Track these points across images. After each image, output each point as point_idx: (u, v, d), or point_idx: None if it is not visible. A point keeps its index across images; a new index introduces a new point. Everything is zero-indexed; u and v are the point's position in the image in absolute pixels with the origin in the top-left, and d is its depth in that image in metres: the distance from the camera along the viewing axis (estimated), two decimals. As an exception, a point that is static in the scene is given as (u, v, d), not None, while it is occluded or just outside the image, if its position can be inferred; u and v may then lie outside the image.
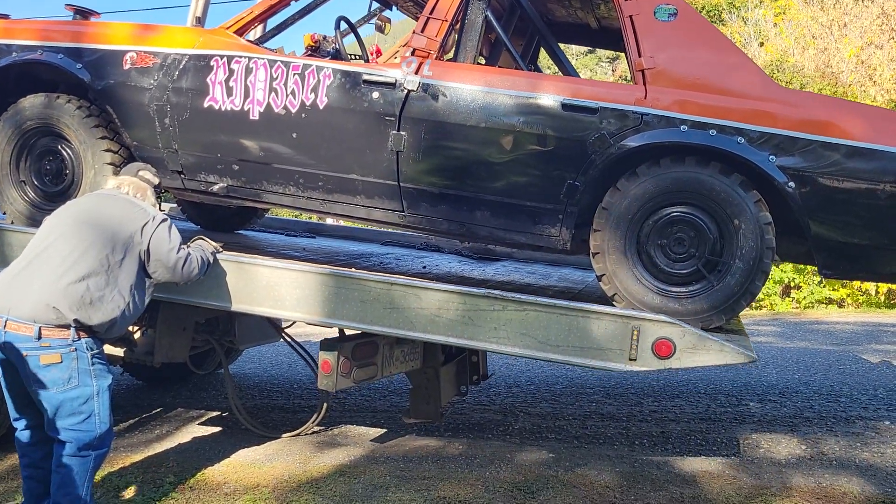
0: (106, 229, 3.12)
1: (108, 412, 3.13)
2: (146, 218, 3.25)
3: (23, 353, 2.95)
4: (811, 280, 13.01)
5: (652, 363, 3.14)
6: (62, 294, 2.96)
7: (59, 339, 2.97)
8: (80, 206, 3.29)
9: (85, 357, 3.03)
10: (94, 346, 3.08)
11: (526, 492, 3.72)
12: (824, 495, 3.70)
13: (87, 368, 3.03)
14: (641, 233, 3.35)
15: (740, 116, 3.26)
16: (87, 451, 3.07)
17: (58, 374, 2.98)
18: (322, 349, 3.66)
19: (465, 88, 3.49)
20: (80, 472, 3.06)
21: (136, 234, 3.18)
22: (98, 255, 3.05)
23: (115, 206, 3.27)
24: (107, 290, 3.05)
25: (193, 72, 3.74)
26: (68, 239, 3.08)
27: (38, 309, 2.94)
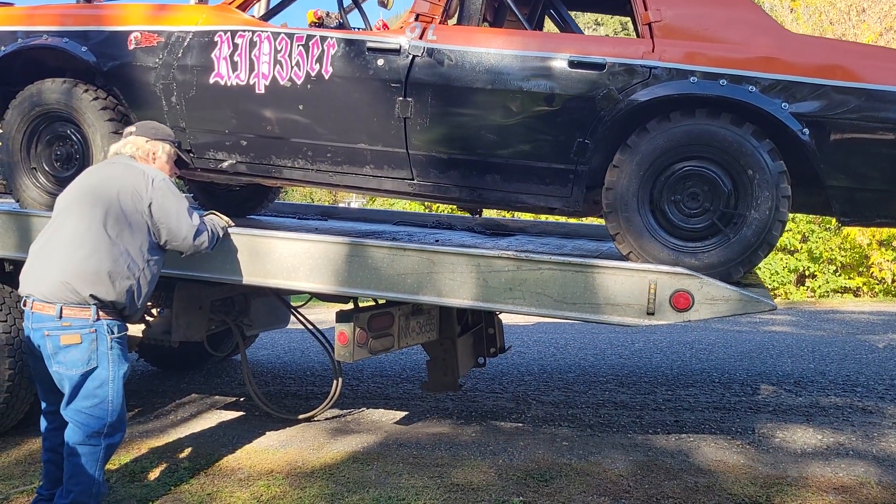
0: (105, 201, 3.03)
1: (120, 400, 3.07)
2: (145, 183, 3.10)
3: (45, 333, 2.96)
4: (826, 269, 12.92)
5: (670, 316, 3.11)
6: (74, 271, 2.95)
7: (79, 318, 2.95)
8: (84, 179, 3.20)
9: (105, 340, 3.00)
10: (115, 330, 3.04)
11: (539, 479, 3.70)
12: (841, 485, 3.65)
13: (105, 352, 3.00)
14: (654, 189, 3.32)
15: (751, 65, 3.22)
16: (96, 439, 3.03)
17: (77, 354, 2.96)
18: (338, 321, 3.65)
19: (470, 51, 3.46)
20: (90, 462, 3.02)
21: (137, 201, 3.07)
22: (100, 228, 2.99)
23: (114, 173, 3.15)
24: (116, 263, 2.99)
25: (198, 48, 3.74)
26: (73, 215, 3.05)
27: (56, 288, 2.94)
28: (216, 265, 3.57)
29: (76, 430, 3.01)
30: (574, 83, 3.36)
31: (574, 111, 3.37)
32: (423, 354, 4.64)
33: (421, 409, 4.99)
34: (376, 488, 3.56)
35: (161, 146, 3.30)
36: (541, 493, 3.53)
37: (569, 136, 3.40)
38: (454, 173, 3.60)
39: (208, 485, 3.64)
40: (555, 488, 3.59)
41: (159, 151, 3.30)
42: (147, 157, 3.26)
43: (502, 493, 3.52)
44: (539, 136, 3.44)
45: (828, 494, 3.53)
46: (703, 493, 3.55)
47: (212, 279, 3.65)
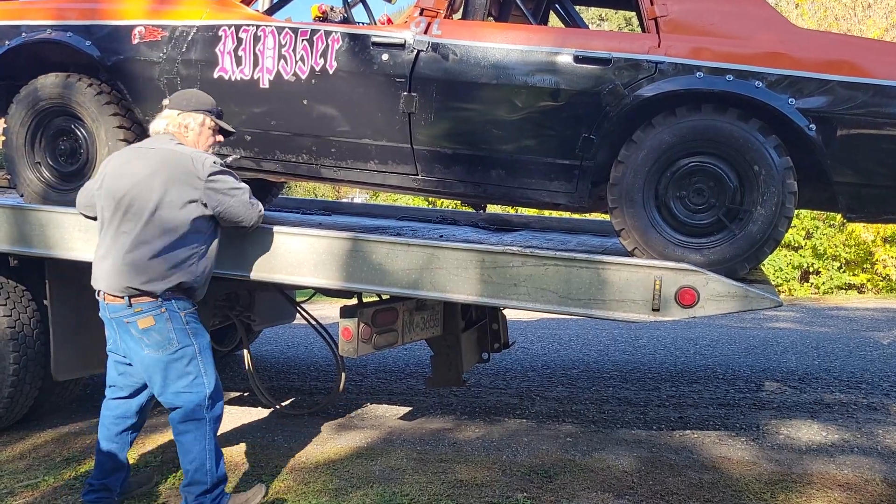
0: (157, 192, 2.97)
1: (213, 371, 3.11)
2: (195, 170, 3.03)
3: (124, 321, 2.99)
4: (830, 265, 12.90)
5: (676, 312, 3.10)
6: (127, 268, 2.94)
7: (148, 302, 2.97)
8: (132, 168, 3.05)
9: (178, 316, 3.01)
10: (185, 306, 3.06)
11: (543, 476, 3.69)
12: (846, 482, 3.63)
13: (182, 328, 3.02)
14: (660, 185, 3.30)
15: (757, 60, 3.20)
16: (199, 413, 3.05)
17: (157, 337, 2.98)
18: (342, 316, 3.64)
19: (476, 46, 3.45)
20: (198, 438, 3.05)
21: (189, 190, 3.00)
22: (154, 219, 2.95)
23: (162, 161, 3.03)
24: (174, 252, 2.98)
25: (202, 43, 3.73)
26: (117, 207, 3.00)
27: (115, 282, 2.96)
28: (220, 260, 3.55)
29: (179, 412, 3.05)
30: (579, 78, 3.34)
31: (579, 106, 3.35)
32: (427, 350, 4.64)
33: (425, 405, 4.99)
34: (380, 484, 3.56)
35: (193, 118, 3.19)
36: (545, 489, 3.53)
37: (574, 132, 3.38)
38: (459, 168, 3.58)
39: (212, 480, 3.64)
40: (558, 484, 3.58)
41: (192, 123, 3.19)
42: (179, 131, 3.17)
43: (506, 490, 3.51)
44: (544, 132, 3.43)
45: (832, 491, 3.52)
46: (708, 489, 3.54)
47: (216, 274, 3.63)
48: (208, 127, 3.24)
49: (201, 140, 3.22)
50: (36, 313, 4.20)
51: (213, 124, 3.25)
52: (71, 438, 4.25)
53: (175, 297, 3.02)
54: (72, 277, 4.19)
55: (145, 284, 2.94)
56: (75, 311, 4.21)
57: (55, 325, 4.14)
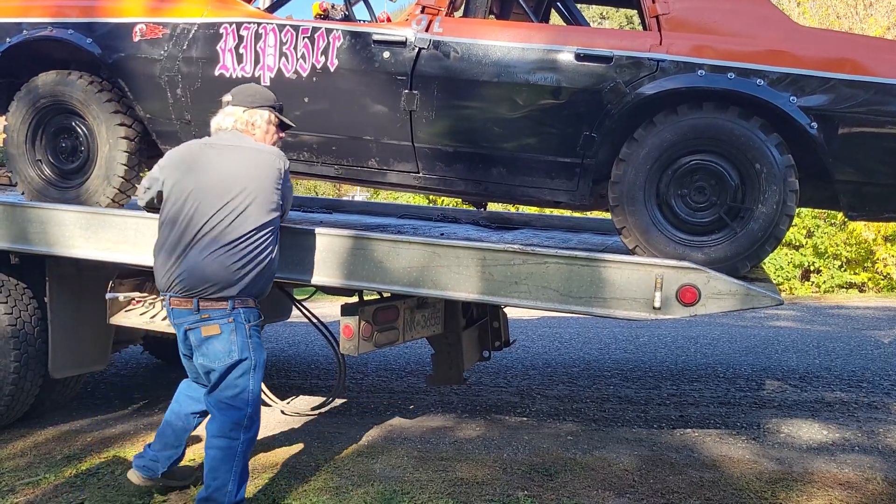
0: (235, 190, 2.94)
1: (259, 390, 3.07)
2: (280, 167, 3.06)
3: (186, 328, 2.96)
4: (831, 264, 12.90)
5: (677, 311, 3.09)
6: (208, 265, 2.90)
7: (217, 310, 2.93)
8: (209, 165, 3.00)
9: (243, 328, 2.98)
10: (251, 318, 3.03)
11: (544, 474, 3.68)
12: (846, 481, 3.63)
13: (245, 340, 2.98)
14: (661, 183, 3.30)
15: (759, 58, 3.20)
16: (236, 431, 2.99)
17: (219, 346, 2.95)
18: (343, 314, 3.64)
19: (477, 44, 3.45)
20: (228, 458, 2.98)
21: (271, 187, 3.01)
22: (232, 219, 2.92)
23: (242, 159, 3.02)
24: (249, 252, 2.96)
25: (203, 40, 3.73)
26: (203, 207, 2.94)
27: (191, 283, 2.92)
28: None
29: (217, 422, 3.01)
30: (581, 76, 3.34)
31: (581, 104, 3.35)
32: (428, 348, 4.64)
33: (425, 403, 4.99)
34: (381, 482, 3.56)
35: (259, 114, 3.15)
36: (545, 487, 3.53)
37: (575, 130, 3.38)
38: (460, 166, 3.58)
39: (213, 477, 3.64)
40: (559, 483, 3.58)
41: (258, 120, 3.15)
42: (246, 128, 3.13)
43: (507, 488, 3.51)
44: (545, 130, 3.43)
45: (833, 490, 3.52)
46: (708, 487, 3.54)
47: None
48: (273, 123, 3.20)
49: (268, 137, 3.18)
50: (37, 311, 4.20)
51: (276, 120, 3.22)
52: (72, 436, 4.25)
53: (244, 307, 2.99)
54: (72, 275, 4.20)
55: (218, 290, 2.92)
56: (75, 309, 4.21)
57: (54, 323, 4.14)
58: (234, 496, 3.00)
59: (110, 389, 5.31)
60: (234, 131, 3.12)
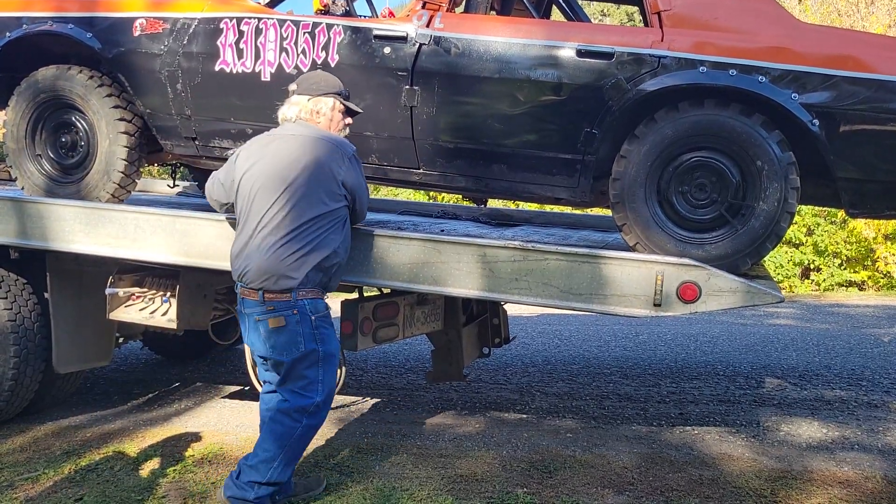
0: (297, 181, 2.94)
1: (332, 380, 3.06)
2: (340, 158, 3.02)
3: (256, 319, 2.97)
4: (831, 262, 12.89)
5: (677, 308, 3.09)
6: (270, 257, 2.91)
7: (281, 301, 2.92)
8: (272, 157, 3.01)
9: (308, 320, 2.96)
10: (317, 309, 3.00)
11: (543, 471, 3.68)
12: (846, 479, 3.62)
13: (310, 332, 2.97)
14: (662, 180, 3.30)
15: (760, 55, 3.19)
16: (299, 415, 3.00)
17: (285, 338, 2.94)
18: (343, 310, 3.64)
19: (478, 40, 3.44)
20: (283, 436, 3.00)
21: (331, 178, 2.98)
22: (293, 210, 2.92)
23: (304, 149, 3.00)
24: (311, 243, 2.94)
25: (203, 35, 3.72)
26: (262, 197, 2.96)
27: (255, 274, 2.93)
28: (221, 254, 3.55)
29: (286, 402, 3.03)
30: (582, 72, 3.33)
31: (582, 101, 3.34)
32: (428, 344, 4.64)
33: (425, 400, 4.99)
34: (380, 478, 3.56)
35: (325, 102, 3.15)
36: (545, 484, 3.53)
37: (576, 126, 3.37)
38: (460, 162, 3.58)
39: (212, 474, 3.63)
40: (559, 480, 3.58)
41: (323, 108, 3.15)
42: (311, 117, 3.13)
43: (506, 485, 3.51)
44: (546, 126, 3.42)
45: (832, 488, 3.52)
46: (708, 485, 3.54)
47: (217, 268, 3.63)
48: (339, 110, 3.18)
49: (333, 124, 3.16)
50: (37, 306, 4.19)
51: (342, 107, 3.19)
52: (71, 431, 4.25)
53: (308, 299, 2.96)
54: (72, 270, 4.19)
55: (281, 280, 2.91)
56: (77, 304, 4.21)
57: (56, 318, 4.13)
58: (277, 473, 3.01)
59: (110, 385, 5.31)
60: (298, 121, 3.11)
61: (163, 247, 3.60)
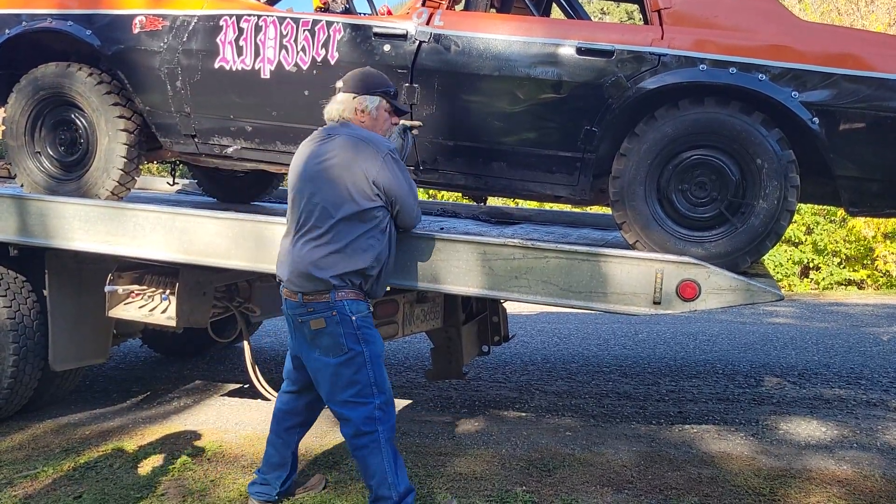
0: (331, 185, 2.84)
1: (383, 380, 2.94)
2: (373, 159, 2.86)
3: (298, 321, 2.91)
4: (830, 261, 12.90)
5: (677, 306, 3.09)
6: (306, 259, 2.85)
7: (320, 302, 2.85)
8: (310, 159, 2.93)
9: (348, 321, 2.85)
10: (357, 309, 2.88)
11: (542, 469, 3.68)
12: (845, 478, 3.63)
13: (352, 333, 2.86)
14: (661, 178, 3.29)
15: (761, 53, 3.18)
16: (371, 426, 2.88)
17: (326, 340, 2.87)
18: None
19: (478, 37, 3.43)
20: (374, 452, 2.89)
21: (365, 181, 2.84)
22: (327, 213, 2.83)
23: (339, 152, 2.88)
24: (347, 245, 2.84)
25: (203, 33, 3.71)
26: (298, 199, 2.91)
27: (294, 275, 2.88)
28: (221, 251, 3.55)
29: (348, 423, 2.92)
30: (582, 70, 3.32)
31: (582, 98, 3.34)
32: (427, 342, 4.63)
33: (424, 398, 4.99)
34: (379, 476, 3.56)
35: (370, 101, 3.02)
36: (544, 483, 3.53)
37: (576, 124, 3.37)
38: (460, 161, 3.57)
39: (211, 471, 3.64)
40: (558, 478, 3.58)
41: (369, 106, 3.02)
42: (356, 116, 3.01)
43: (505, 483, 3.51)
44: (546, 124, 3.42)
45: (832, 487, 3.52)
46: (707, 484, 3.54)
47: (216, 265, 3.63)
48: (385, 109, 3.06)
49: (379, 123, 3.05)
50: (36, 304, 4.19)
51: (389, 106, 3.08)
52: (70, 429, 4.25)
53: (348, 300, 2.86)
54: (71, 268, 4.19)
55: (317, 282, 2.84)
56: (75, 302, 4.20)
57: (54, 316, 4.13)
58: (398, 487, 2.92)
59: (109, 383, 5.31)
60: (340, 121, 3.01)
61: (162, 244, 3.60)
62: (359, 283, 2.90)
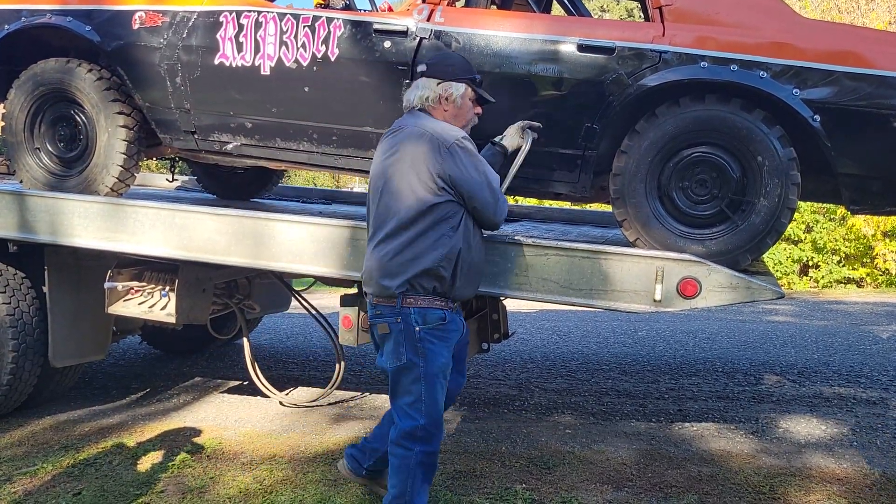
0: (395, 182, 2.67)
1: (434, 402, 2.72)
2: (436, 151, 2.62)
3: (371, 322, 2.81)
4: (830, 259, 12.90)
5: (677, 303, 3.08)
6: (375, 261, 2.72)
7: (387, 307, 2.69)
8: (380, 155, 2.77)
9: (411, 330, 2.66)
10: (424, 319, 2.67)
11: (542, 467, 3.68)
12: (844, 476, 3.63)
13: (412, 344, 2.67)
14: (662, 176, 3.28)
15: (762, 50, 3.17)
16: (410, 442, 2.72)
17: (389, 346, 2.73)
18: (343, 305, 3.63)
19: (478, 34, 3.42)
20: (402, 468, 2.74)
21: (429, 175, 2.62)
22: (392, 212, 2.67)
23: (402, 146, 2.69)
24: (414, 246, 2.64)
25: (203, 29, 3.70)
26: (372, 197, 2.78)
27: (365, 276, 2.78)
28: (220, 248, 3.55)
29: (395, 428, 2.79)
30: (583, 67, 3.32)
31: (582, 95, 3.33)
32: (427, 340, 4.62)
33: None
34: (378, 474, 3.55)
35: (456, 88, 2.78)
36: (543, 480, 3.53)
37: (577, 121, 3.36)
38: (460, 157, 3.56)
39: (210, 468, 3.63)
40: (557, 476, 3.58)
41: (454, 94, 2.78)
42: (439, 104, 2.79)
43: (505, 481, 3.51)
44: (547, 121, 3.39)
45: (831, 485, 3.52)
46: (707, 482, 3.54)
47: (216, 262, 3.63)
48: (469, 98, 2.83)
49: (462, 113, 2.83)
50: (35, 300, 4.19)
51: (473, 95, 2.84)
52: (69, 426, 4.24)
53: (416, 307, 2.66)
54: (71, 264, 4.18)
55: (384, 284, 2.68)
56: (74, 298, 4.20)
57: (53, 312, 4.13)
58: None
59: (108, 379, 5.31)
60: (414, 110, 2.80)
61: (161, 241, 3.60)
62: (431, 286, 2.68)
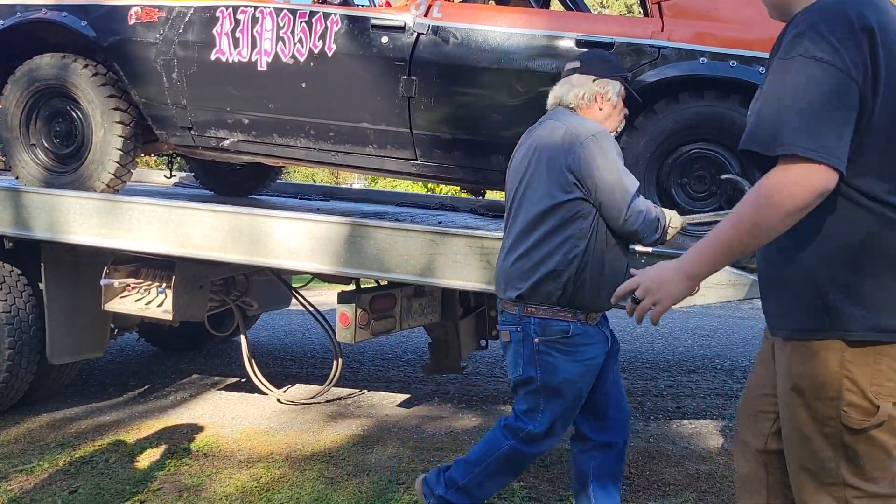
0: (526, 179, 2.54)
1: (551, 416, 2.58)
2: (569, 144, 2.44)
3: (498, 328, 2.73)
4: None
5: (676, 301, 3.06)
6: (501, 264, 2.63)
7: (510, 314, 2.59)
8: (516, 152, 2.66)
9: (530, 341, 2.53)
10: (544, 331, 2.51)
11: (540, 465, 3.66)
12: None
13: (529, 355, 2.53)
14: (661, 172, 3.27)
15: (761, 46, 3.15)
16: (509, 433, 2.63)
17: (509, 355, 2.63)
18: (340, 301, 3.62)
19: (476, 29, 3.41)
20: (489, 451, 2.66)
21: (560, 170, 2.45)
22: (522, 213, 2.54)
23: (538, 141, 2.54)
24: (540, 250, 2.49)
25: (199, 24, 3.69)
26: (508, 197, 2.66)
27: (495, 279, 2.72)
28: (217, 245, 3.53)
29: (509, 416, 2.70)
30: (581, 63, 3.29)
31: (581, 91, 3.31)
32: (425, 337, 4.62)
33: (422, 393, 4.97)
34: (376, 472, 3.54)
35: (611, 85, 2.61)
36: (541, 478, 3.51)
37: (575, 117, 3.34)
38: (458, 153, 3.55)
39: (207, 466, 3.62)
40: (556, 474, 3.57)
41: (611, 93, 2.60)
42: (594, 102, 2.60)
43: (503, 477, 3.49)
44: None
45: (831, 481, 3.51)
46: (705, 480, 3.53)
47: (212, 258, 3.61)
48: (623, 96, 2.66)
49: (616, 112, 2.66)
50: (31, 297, 4.17)
51: (624, 94, 2.67)
52: (66, 423, 4.23)
53: (536, 317, 2.52)
54: (67, 261, 4.16)
55: (508, 289, 2.58)
56: (71, 295, 4.18)
57: (50, 309, 4.11)
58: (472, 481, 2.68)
59: (105, 377, 5.29)
60: (559, 108, 2.64)
61: (158, 237, 3.58)
62: (556, 294, 2.49)
